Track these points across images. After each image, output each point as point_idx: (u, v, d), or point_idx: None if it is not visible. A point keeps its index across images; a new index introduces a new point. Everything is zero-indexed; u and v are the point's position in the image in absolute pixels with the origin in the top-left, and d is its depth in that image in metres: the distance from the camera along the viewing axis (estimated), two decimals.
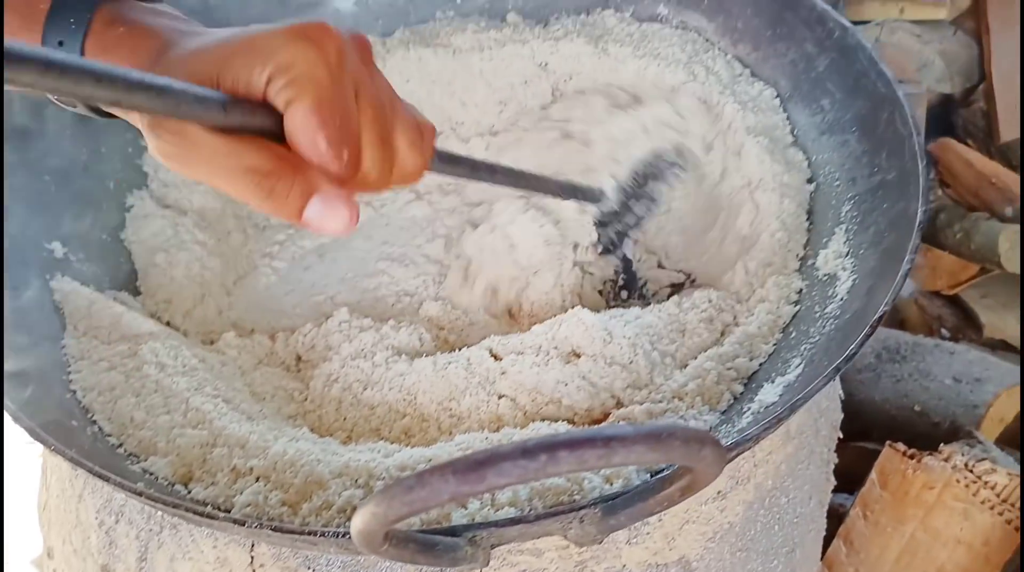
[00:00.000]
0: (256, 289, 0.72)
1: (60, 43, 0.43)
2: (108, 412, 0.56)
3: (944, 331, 1.49)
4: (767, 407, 0.54)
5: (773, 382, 0.57)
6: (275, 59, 0.38)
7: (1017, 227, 1.36)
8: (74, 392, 0.57)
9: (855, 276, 0.60)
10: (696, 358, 0.61)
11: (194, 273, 0.71)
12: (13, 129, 0.67)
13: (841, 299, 0.60)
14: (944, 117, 1.58)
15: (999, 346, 1.43)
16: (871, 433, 1.14)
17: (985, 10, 1.49)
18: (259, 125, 0.39)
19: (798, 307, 0.63)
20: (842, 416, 0.76)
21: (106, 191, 0.73)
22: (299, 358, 0.68)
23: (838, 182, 0.69)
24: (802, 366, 0.56)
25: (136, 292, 0.70)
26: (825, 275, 0.64)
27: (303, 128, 0.38)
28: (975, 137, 1.55)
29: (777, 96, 0.76)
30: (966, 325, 1.49)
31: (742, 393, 0.59)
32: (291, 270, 0.74)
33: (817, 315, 0.61)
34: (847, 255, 0.63)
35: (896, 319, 1.52)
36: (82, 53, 0.43)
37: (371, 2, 0.90)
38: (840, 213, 0.67)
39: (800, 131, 0.75)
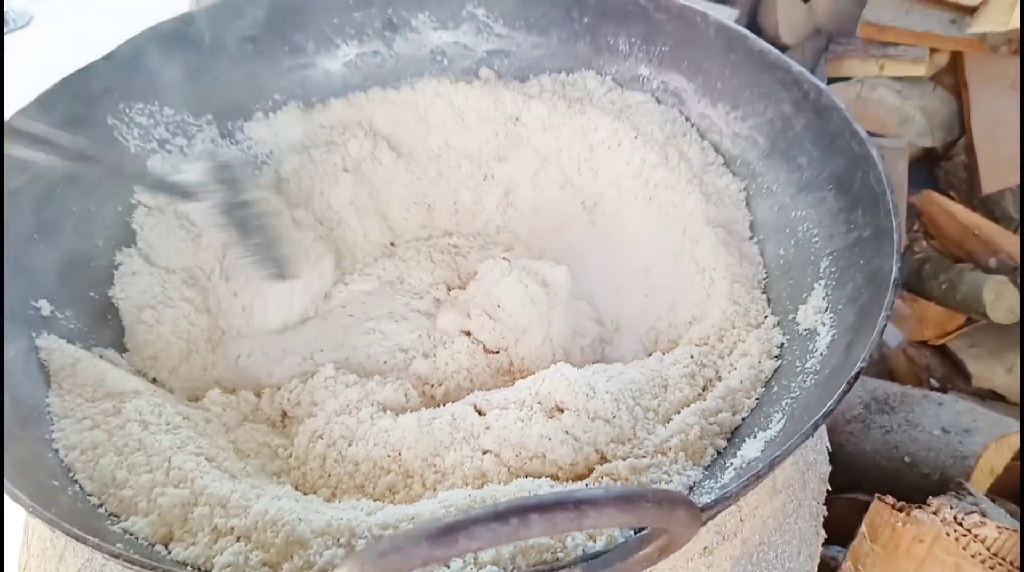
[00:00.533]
0: (242, 348, 0.72)
1: None
2: (90, 471, 0.56)
3: (933, 381, 1.49)
4: (749, 462, 0.54)
5: (755, 437, 0.57)
6: None
7: (1001, 278, 1.37)
8: (56, 451, 0.57)
9: (834, 331, 0.61)
10: (679, 413, 0.62)
11: (181, 330, 0.71)
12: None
13: (821, 354, 0.60)
14: (927, 170, 1.61)
15: (988, 396, 1.44)
16: (861, 485, 1.14)
17: (963, 67, 1.53)
18: None
19: (780, 361, 0.63)
20: (831, 468, 0.76)
21: (95, 249, 0.74)
22: (284, 414, 0.68)
23: (816, 238, 0.70)
24: (783, 421, 0.57)
25: (123, 349, 0.71)
26: (805, 329, 0.65)
27: None
28: (958, 189, 1.58)
29: (744, 190, 0.78)
30: (955, 375, 1.49)
31: (725, 448, 0.59)
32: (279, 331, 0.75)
33: (798, 369, 0.62)
34: (826, 310, 0.64)
35: (885, 370, 1.52)
36: None
37: (359, 63, 0.93)
38: (819, 268, 0.68)
39: (779, 188, 0.76)
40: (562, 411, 0.60)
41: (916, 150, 1.57)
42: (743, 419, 0.61)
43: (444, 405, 0.66)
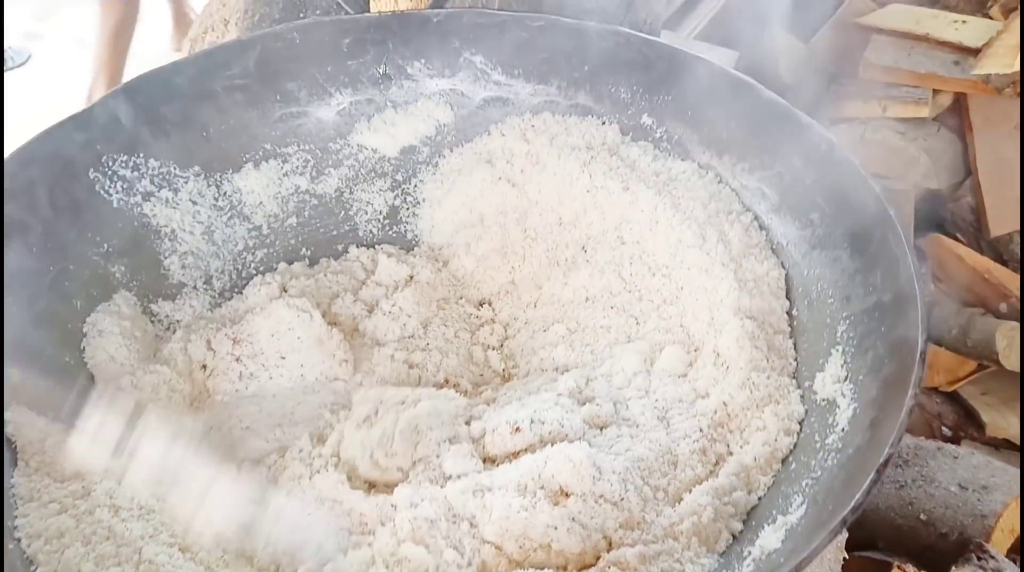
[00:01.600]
0: (224, 414, 0.68)
1: None
2: (54, 564, 0.51)
3: (945, 429, 1.45)
4: (769, 554, 0.50)
5: (774, 522, 0.53)
6: None
7: (1013, 324, 1.34)
8: (18, 540, 0.53)
9: (855, 404, 0.57)
10: (691, 492, 0.57)
11: (161, 396, 0.67)
12: None
13: (843, 429, 0.57)
14: (933, 212, 1.58)
15: (1002, 445, 1.39)
16: (876, 543, 1.09)
17: (967, 108, 1.51)
18: None
19: (798, 437, 0.59)
20: (847, 535, 0.72)
21: (72, 311, 0.70)
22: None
23: (832, 300, 0.66)
24: (805, 506, 0.53)
25: None
26: (824, 400, 0.61)
27: None
28: (965, 231, 1.55)
29: (785, 277, 0.72)
30: (967, 423, 1.45)
31: (741, 531, 0.55)
32: (260, 390, 0.70)
33: (818, 445, 0.58)
34: (846, 380, 0.60)
35: (910, 419, 1.48)
36: None
37: (353, 111, 0.90)
38: (836, 333, 0.64)
39: (790, 244, 0.73)
40: (567, 495, 0.56)
41: (921, 192, 1.54)
42: (759, 498, 0.57)
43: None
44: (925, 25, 1.52)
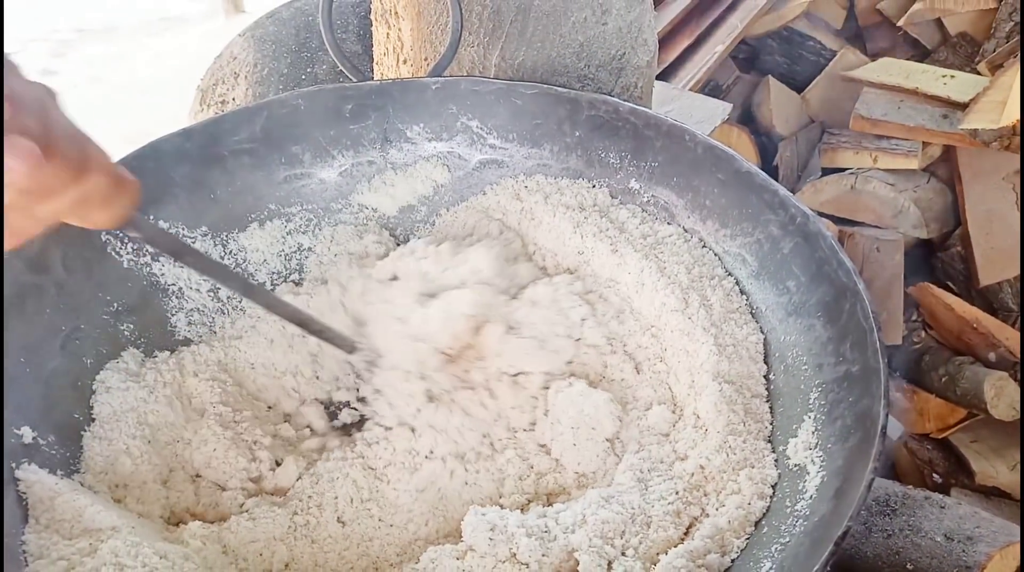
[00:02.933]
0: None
1: None
2: None
3: (936, 476, 1.47)
4: None
5: None
6: None
7: (1002, 374, 1.36)
8: None
9: (824, 472, 0.60)
10: (666, 554, 0.60)
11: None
12: None
13: (811, 497, 0.59)
14: (923, 260, 1.62)
15: (992, 492, 1.41)
16: None
17: (956, 160, 1.55)
18: None
19: (771, 501, 0.62)
20: None
21: (83, 369, 0.74)
22: None
23: (806, 366, 0.70)
24: (773, 571, 0.55)
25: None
26: (796, 465, 0.64)
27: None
28: (955, 280, 1.58)
29: (764, 342, 0.75)
30: (958, 470, 1.47)
31: None
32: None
33: (788, 511, 0.60)
34: (816, 447, 0.63)
35: (886, 464, 1.50)
36: None
37: (354, 171, 0.94)
38: (808, 399, 0.67)
39: (768, 310, 0.76)
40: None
41: (911, 241, 1.57)
42: (732, 561, 0.60)
43: None
44: (915, 79, 1.57)
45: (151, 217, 0.83)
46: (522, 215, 0.90)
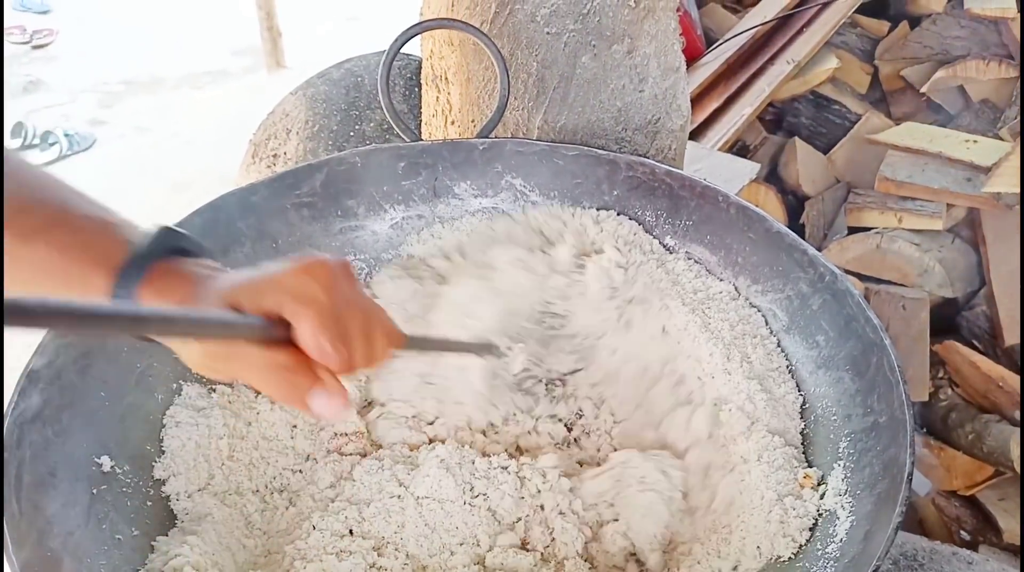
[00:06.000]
0: None
1: (124, 289, 0.52)
2: None
3: (964, 534, 1.47)
4: None
5: None
6: (286, 288, 0.50)
7: None
8: None
9: (853, 517, 0.63)
10: None
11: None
12: (77, 348, 0.74)
13: (841, 540, 0.63)
14: (948, 318, 1.64)
15: (1021, 550, 1.41)
16: None
17: (980, 221, 1.59)
18: (279, 336, 0.50)
19: (806, 543, 0.65)
20: None
21: (154, 403, 0.79)
22: None
23: (835, 417, 0.73)
24: None
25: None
26: (826, 511, 0.67)
27: (310, 335, 0.49)
28: (980, 339, 1.60)
29: (803, 402, 0.78)
30: (986, 527, 1.47)
31: None
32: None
33: (819, 553, 0.64)
34: (846, 493, 0.66)
35: (914, 520, 1.50)
36: (137, 297, 0.52)
37: (404, 224, 1.00)
38: (838, 448, 0.71)
39: (799, 363, 0.80)
40: None
41: (936, 299, 1.60)
42: None
43: None
44: (938, 143, 1.62)
45: (220, 264, 0.89)
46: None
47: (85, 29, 3.90)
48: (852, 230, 1.68)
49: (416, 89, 1.49)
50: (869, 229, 1.65)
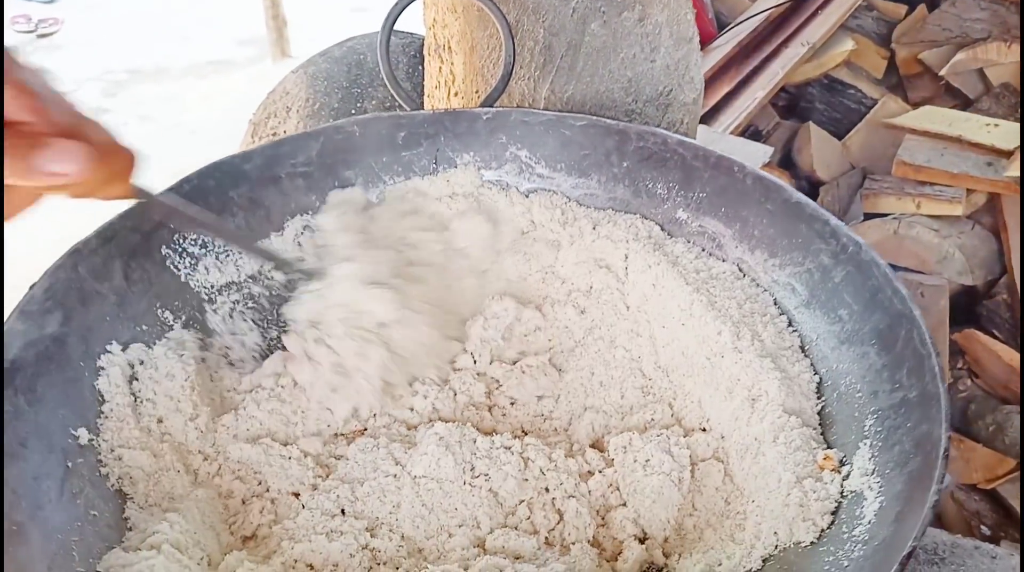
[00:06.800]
0: None
1: None
2: None
3: (984, 528, 1.42)
4: None
5: None
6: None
7: None
8: None
9: (882, 497, 0.59)
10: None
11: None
12: (55, 314, 0.70)
13: (869, 522, 0.58)
14: (968, 307, 1.59)
15: None
16: None
17: (1001, 207, 1.54)
18: None
19: (829, 527, 0.61)
20: None
21: None
22: None
23: (860, 394, 0.69)
24: None
25: None
26: (851, 492, 0.63)
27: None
28: (1000, 328, 1.55)
29: (820, 381, 0.74)
30: (1007, 522, 1.42)
31: None
32: None
33: (844, 536, 0.59)
34: (873, 473, 0.62)
35: (933, 514, 1.45)
36: None
37: None
38: (863, 426, 0.66)
39: (820, 339, 0.75)
40: None
41: (956, 287, 1.55)
42: None
43: None
44: (958, 127, 1.57)
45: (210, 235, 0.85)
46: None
47: (91, 18, 3.88)
48: (868, 216, 1.64)
49: (420, 67, 1.45)
50: (886, 215, 1.60)
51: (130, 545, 0.63)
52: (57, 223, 1.17)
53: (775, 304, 0.80)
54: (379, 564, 0.64)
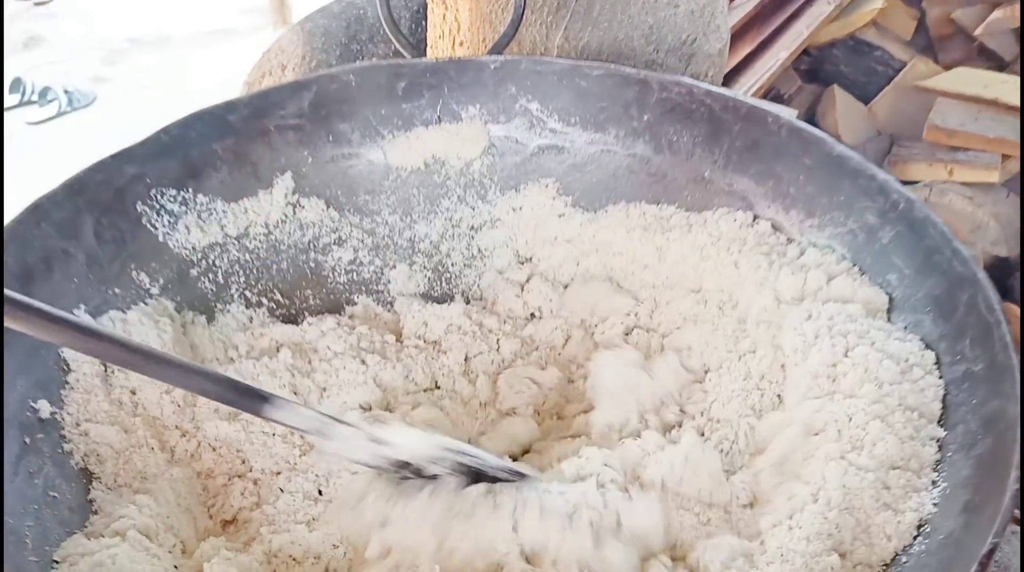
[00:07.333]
0: None
1: None
2: None
3: (1017, 512, 1.35)
4: None
5: None
6: None
7: None
8: None
9: (944, 483, 0.52)
10: None
11: None
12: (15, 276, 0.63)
13: (928, 512, 0.51)
14: (1001, 280, 1.51)
15: None
16: None
17: None
18: None
19: None
20: None
21: None
22: None
23: None
24: None
25: None
26: None
27: None
28: None
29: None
30: None
31: None
32: None
33: None
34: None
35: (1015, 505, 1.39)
36: None
37: None
38: None
39: None
40: None
41: (989, 258, 1.47)
42: None
43: None
44: (994, 90, 1.48)
45: (190, 190, 0.78)
46: None
47: None
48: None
49: (423, 23, 1.37)
50: (915, 182, 1.52)
51: (94, 531, 0.56)
52: None
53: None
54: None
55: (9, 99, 2.91)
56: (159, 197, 0.76)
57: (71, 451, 0.61)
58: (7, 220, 0.66)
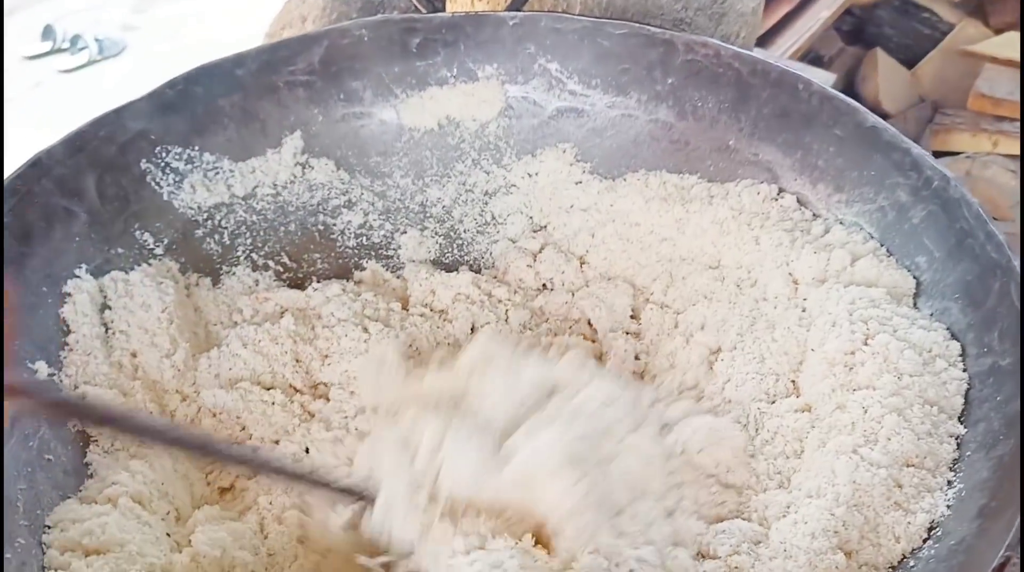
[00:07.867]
0: None
1: None
2: None
3: None
4: None
5: None
6: None
7: None
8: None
9: (961, 484, 0.49)
10: None
11: None
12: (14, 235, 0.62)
13: (941, 515, 0.48)
14: None
15: None
16: None
17: None
18: None
19: None
20: None
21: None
22: None
23: None
24: None
25: None
26: None
27: None
28: None
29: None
30: None
31: None
32: None
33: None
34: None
35: None
36: None
37: None
38: None
39: None
40: None
41: None
42: None
43: None
44: None
45: (196, 148, 0.76)
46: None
47: None
48: (938, 154, 1.48)
49: None
50: (957, 154, 1.45)
51: (88, 495, 0.56)
52: None
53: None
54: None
55: (41, 46, 2.91)
56: (164, 154, 0.74)
57: None
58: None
